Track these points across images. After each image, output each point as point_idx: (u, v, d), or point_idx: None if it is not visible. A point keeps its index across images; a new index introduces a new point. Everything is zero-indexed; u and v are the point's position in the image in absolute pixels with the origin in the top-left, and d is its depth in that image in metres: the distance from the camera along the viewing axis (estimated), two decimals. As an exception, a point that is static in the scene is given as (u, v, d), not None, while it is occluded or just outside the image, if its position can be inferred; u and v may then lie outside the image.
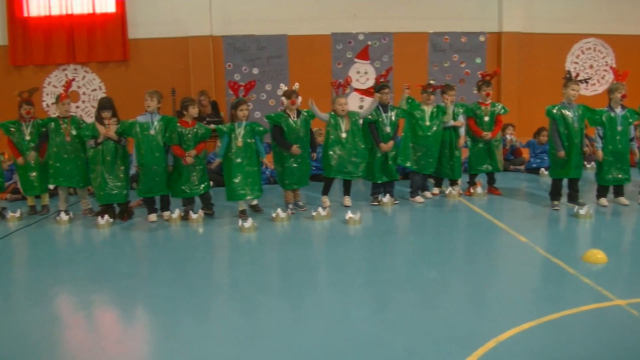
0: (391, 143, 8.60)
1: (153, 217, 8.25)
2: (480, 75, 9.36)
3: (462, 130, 9.04)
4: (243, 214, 8.19)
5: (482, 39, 13.36)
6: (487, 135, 8.94)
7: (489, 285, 5.40)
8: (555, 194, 8.29)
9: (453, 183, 9.37)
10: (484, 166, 9.19)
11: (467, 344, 3.99)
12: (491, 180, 9.34)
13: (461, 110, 9.04)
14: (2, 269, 6.51)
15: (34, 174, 8.69)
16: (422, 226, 7.77)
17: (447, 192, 9.16)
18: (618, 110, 8.15)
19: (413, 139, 8.77)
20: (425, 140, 8.72)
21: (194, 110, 8.10)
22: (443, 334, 4.20)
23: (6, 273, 6.36)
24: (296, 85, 8.26)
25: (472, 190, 9.16)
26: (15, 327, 4.67)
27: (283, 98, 8.20)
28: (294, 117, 8.19)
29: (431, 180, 9.52)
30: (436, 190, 9.39)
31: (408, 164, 8.80)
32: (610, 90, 8.28)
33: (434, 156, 8.82)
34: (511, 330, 4.18)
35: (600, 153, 8.13)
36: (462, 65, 13.39)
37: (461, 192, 9.22)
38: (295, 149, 8.09)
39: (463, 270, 5.90)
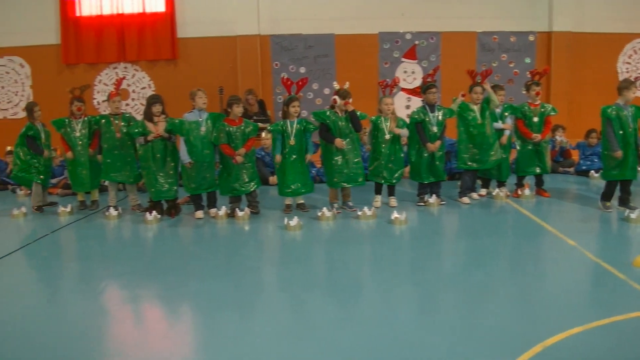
0: (438, 143, 8.51)
1: (200, 214, 8.34)
2: (529, 74, 9.20)
3: (507, 132, 8.94)
4: (288, 209, 8.27)
5: (531, 38, 13.15)
6: (537, 137, 8.79)
7: (536, 288, 5.31)
8: (608, 196, 8.10)
9: (500, 184, 9.25)
10: (533, 168, 9.02)
11: (513, 348, 3.93)
12: (539, 182, 9.18)
13: (506, 114, 8.93)
14: (53, 262, 6.69)
15: (85, 171, 8.87)
16: (469, 227, 7.69)
17: (494, 193, 9.05)
18: None
19: (469, 140, 8.67)
20: (481, 137, 8.61)
21: (238, 109, 8.16)
22: (488, 337, 4.15)
23: (56, 266, 6.53)
24: (346, 85, 8.24)
25: (520, 192, 9.02)
26: (65, 319, 4.79)
27: (336, 97, 8.14)
28: (341, 116, 8.17)
29: (478, 182, 9.40)
30: (483, 192, 9.28)
31: (468, 164, 8.73)
32: None
33: (492, 148, 8.69)
34: (558, 335, 4.10)
35: None
36: (511, 65, 13.20)
37: (509, 193, 9.10)
38: (339, 141, 8.06)
39: (510, 272, 5.83)
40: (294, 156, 8.17)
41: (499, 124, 8.79)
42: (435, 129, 8.52)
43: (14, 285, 5.77)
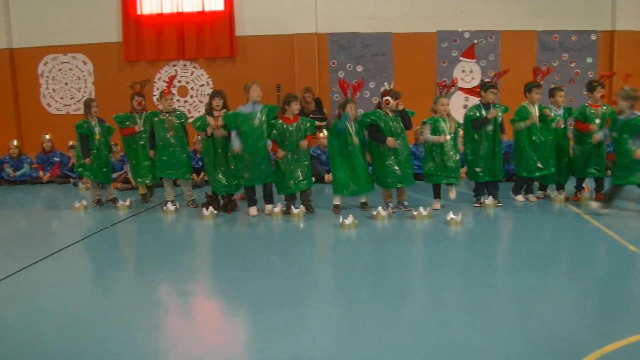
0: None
1: (254, 210, 8.41)
2: (597, 77, 8.91)
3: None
4: (337, 209, 8.31)
5: (593, 37, 12.87)
6: (595, 132, 8.36)
7: (594, 294, 5.17)
8: None
9: (559, 187, 9.03)
10: (591, 170, 8.70)
11: (569, 354, 3.85)
12: (599, 186, 8.82)
13: (559, 116, 8.63)
14: (111, 254, 6.86)
15: (146, 162, 9.05)
16: (525, 230, 7.53)
17: (552, 196, 8.86)
18: None
19: (531, 146, 8.49)
20: (543, 144, 8.46)
21: (295, 107, 8.20)
22: (543, 343, 4.06)
23: (115, 258, 6.69)
24: (391, 84, 8.20)
25: (579, 196, 8.81)
26: (121, 311, 4.88)
27: (388, 97, 8.10)
28: (392, 116, 8.14)
29: (536, 183, 9.22)
30: (541, 194, 9.06)
31: (535, 174, 8.58)
32: None
33: (552, 156, 8.55)
34: (616, 343, 3.98)
35: None
36: (572, 65, 12.93)
37: (568, 196, 8.86)
38: (391, 140, 8.02)
39: (567, 277, 5.67)
40: (349, 156, 8.17)
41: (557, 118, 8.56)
42: (490, 127, 8.40)
43: (73, 277, 5.93)
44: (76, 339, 4.30)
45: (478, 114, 8.40)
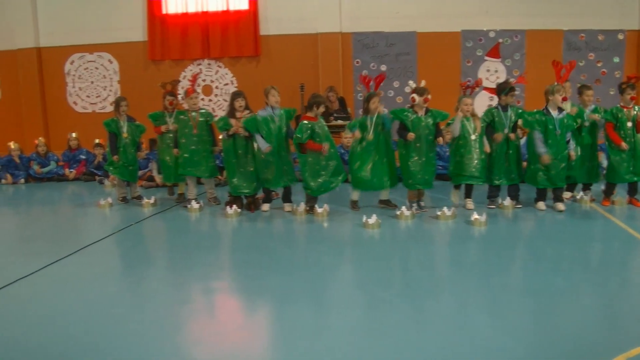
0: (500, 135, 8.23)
1: (267, 207, 8.55)
2: (626, 78, 8.72)
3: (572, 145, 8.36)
4: (355, 206, 8.41)
5: (620, 37, 12.73)
6: (625, 146, 8.18)
7: (620, 298, 5.09)
8: None
9: (586, 188, 8.85)
10: (627, 175, 8.34)
11: (593, 357, 3.82)
12: (632, 190, 8.55)
13: (578, 118, 8.44)
14: (136, 251, 6.94)
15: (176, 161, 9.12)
16: (550, 232, 7.42)
17: (578, 197, 8.67)
18: None
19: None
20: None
21: (321, 110, 8.20)
22: (567, 344, 4.01)
23: (139, 255, 6.76)
24: (423, 83, 8.16)
25: (609, 201, 8.51)
26: (145, 307, 4.93)
27: (415, 95, 8.03)
28: (421, 115, 8.10)
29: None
30: (568, 195, 8.79)
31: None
32: None
33: (566, 165, 8.19)
34: (644, 346, 3.96)
35: None
36: (599, 65, 12.81)
37: (593, 198, 8.66)
38: (411, 135, 7.93)
39: (592, 280, 5.55)
40: (369, 151, 8.15)
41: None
42: (507, 130, 8.29)
43: (99, 273, 5.97)
44: (101, 334, 4.33)
45: (493, 118, 8.29)
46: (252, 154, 8.42)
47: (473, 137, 8.14)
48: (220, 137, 8.55)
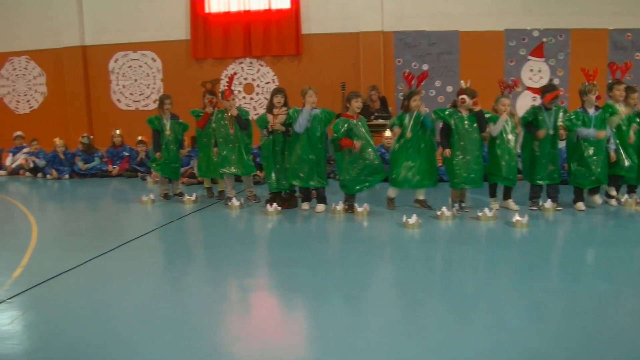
0: (543, 131, 8.05)
1: (306, 205, 8.56)
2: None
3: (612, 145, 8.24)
4: (390, 204, 8.49)
5: (669, 36, 12.50)
6: None
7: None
8: None
9: (631, 189, 8.58)
10: None
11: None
12: None
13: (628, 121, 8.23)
14: (177, 247, 7.00)
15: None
16: (593, 235, 7.30)
17: (622, 200, 8.40)
18: None
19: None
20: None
21: (356, 104, 8.15)
22: (610, 348, 3.94)
23: (180, 251, 6.81)
24: (468, 82, 8.07)
25: None
26: (185, 303, 4.96)
27: (464, 96, 7.93)
28: (464, 115, 8.02)
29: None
30: (613, 193, 8.51)
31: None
32: None
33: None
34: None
35: None
36: (646, 65, 12.58)
37: (638, 200, 8.40)
38: (541, 132, 7.94)
39: (636, 284, 5.45)
40: (407, 150, 8.12)
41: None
42: (551, 131, 8.15)
43: (140, 268, 6.02)
44: (141, 328, 4.39)
45: (535, 116, 8.18)
46: (289, 150, 8.45)
47: (510, 136, 8.05)
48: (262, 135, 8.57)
